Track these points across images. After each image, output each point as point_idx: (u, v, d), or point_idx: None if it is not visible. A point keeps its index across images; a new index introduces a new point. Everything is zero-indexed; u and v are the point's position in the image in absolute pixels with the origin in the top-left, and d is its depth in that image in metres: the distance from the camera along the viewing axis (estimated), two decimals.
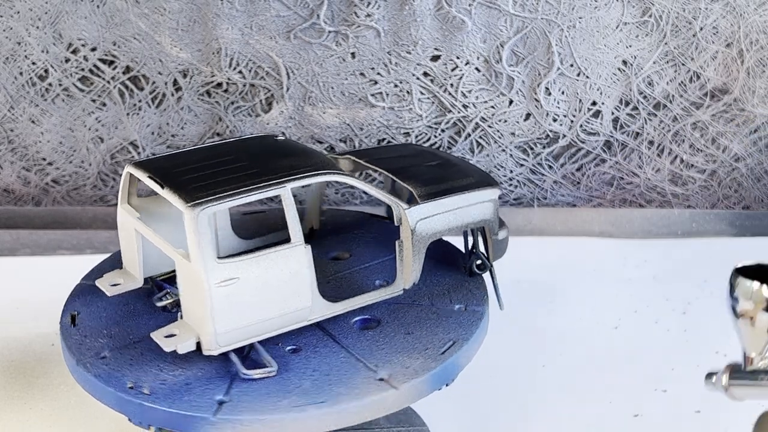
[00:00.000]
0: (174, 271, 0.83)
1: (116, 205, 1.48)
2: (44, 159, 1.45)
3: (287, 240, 0.80)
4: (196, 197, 0.77)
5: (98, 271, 0.92)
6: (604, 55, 1.38)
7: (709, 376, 0.71)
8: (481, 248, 0.91)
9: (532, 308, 1.21)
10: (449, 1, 1.34)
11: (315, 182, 0.83)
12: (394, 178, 0.90)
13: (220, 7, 1.35)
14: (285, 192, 0.79)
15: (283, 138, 0.91)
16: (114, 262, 0.93)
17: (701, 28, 1.36)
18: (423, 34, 1.36)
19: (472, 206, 0.88)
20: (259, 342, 0.81)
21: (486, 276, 0.92)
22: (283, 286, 0.79)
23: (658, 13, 1.35)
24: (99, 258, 0.97)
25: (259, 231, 0.97)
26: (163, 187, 0.80)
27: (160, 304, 0.87)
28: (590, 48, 1.38)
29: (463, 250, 0.94)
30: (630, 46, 1.38)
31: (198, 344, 0.78)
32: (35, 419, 1.05)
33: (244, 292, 0.77)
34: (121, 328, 0.86)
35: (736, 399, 0.70)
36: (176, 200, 0.78)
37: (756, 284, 0.67)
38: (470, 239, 0.92)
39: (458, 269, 0.93)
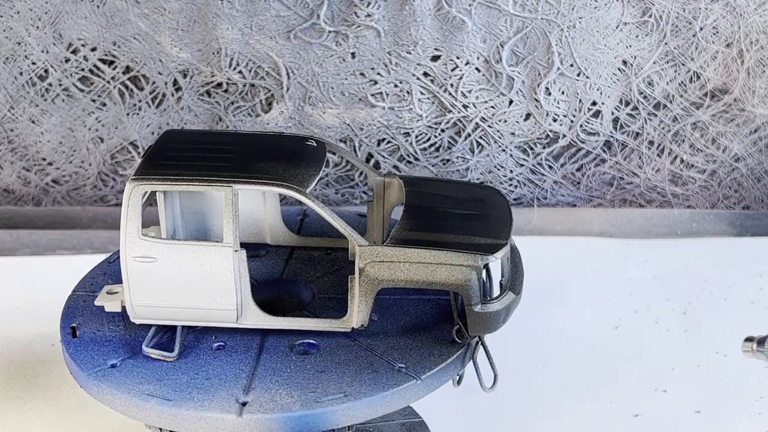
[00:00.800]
0: None
1: (116, 205, 1.48)
2: (44, 159, 1.45)
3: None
4: (143, 173, 0.80)
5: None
6: (604, 55, 1.38)
7: (750, 339, 0.67)
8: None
9: (532, 308, 1.21)
10: (449, 1, 1.34)
11: (259, 190, 0.82)
12: (403, 213, 0.85)
13: (220, 7, 1.35)
14: (227, 192, 0.79)
15: (312, 144, 0.88)
16: None
17: (701, 28, 1.36)
18: (423, 34, 1.36)
19: (442, 266, 0.79)
20: (192, 329, 0.83)
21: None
22: (204, 282, 0.79)
23: (658, 13, 1.35)
24: (99, 258, 0.98)
25: (326, 232, 0.97)
26: (140, 156, 0.83)
27: None
28: (590, 48, 1.38)
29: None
30: (630, 46, 1.38)
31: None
32: (35, 419, 1.05)
33: (161, 274, 0.79)
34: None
35: None
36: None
37: None
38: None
39: (447, 332, 0.85)
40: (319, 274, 0.92)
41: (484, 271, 0.82)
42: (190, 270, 0.79)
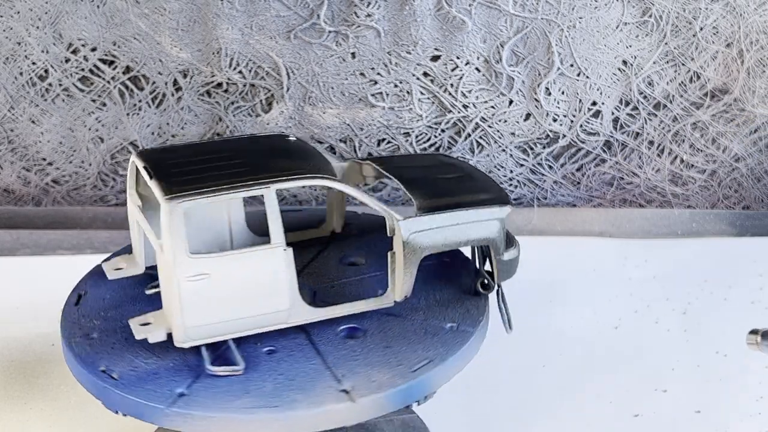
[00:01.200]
0: None
1: (116, 205, 1.48)
2: (44, 159, 1.45)
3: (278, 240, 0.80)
4: (175, 191, 0.78)
5: (116, 256, 0.94)
6: (604, 55, 1.38)
7: (754, 332, 0.66)
8: (489, 267, 0.89)
9: (532, 308, 1.21)
10: (449, 1, 1.34)
11: (300, 186, 0.83)
12: (403, 187, 0.88)
13: (220, 7, 1.34)
14: (268, 192, 0.79)
15: (294, 139, 0.91)
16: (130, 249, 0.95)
17: (701, 28, 1.36)
18: (423, 34, 1.36)
19: (473, 223, 0.85)
20: (236, 339, 0.81)
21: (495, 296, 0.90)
22: (258, 287, 0.79)
23: (658, 13, 1.35)
24: (99, 258, 0.97)
25: (289, 227, 0.97)
26: (151, 178, 0.81)
27: (149, 292, 0.88)
28: (590, 48, 1.38)
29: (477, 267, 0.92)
30: (630, 46, 1.38)
31: (171, 336, 0.79)
32: (35, 419, 1.05)
33: (216, 288, 0.77)
34: (117, 311, 0.87)
35: None
36: (158, 192, 0.79)
37: None
38: (477, 257, 0.90)
39: (467, 286, 0.91)
40: (298, 269, 0.92)
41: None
42: (245, 278, 0.78)
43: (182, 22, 1.36)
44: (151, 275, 0.89)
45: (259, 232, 0.96)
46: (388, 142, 1.44)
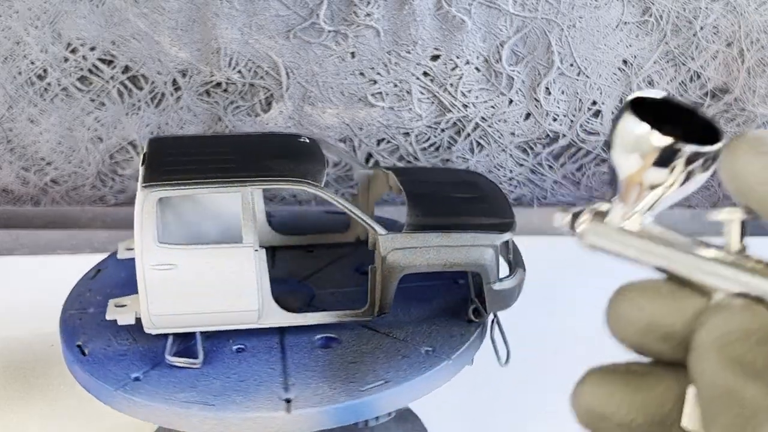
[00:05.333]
0: None
1: (115, 205, 1.48)
2: (43, 159, 1.45)
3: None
4: (153, 179, 0.79)
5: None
6: (605, 54, 1.38)
7: (565, 210, 0.60)
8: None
9: (532, 308, 1.20)
10: (449, 1, 1.34)
11: (276, 188, 0.83)
12: (407, 201, 0.86)
13: (219, 6, 1.34)
14: (244, 192, 0.78)
15: (306, 141, 0.89)
16: None
17: (702, 28, 1.36)
18: (423, 34, 1.36)
19: (462, 247, 0.81)
20: (209, 334, 0.82)
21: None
22: (226, 284, 0.79)
23: (659, 12, 1.35)
24: (98, 258, 0.97)
25: (313, 229, 0.98)
26: (142, 164, 0.82)
27: None
28: (590, 47, 1.37)
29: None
30: (630, 45, 1.38)
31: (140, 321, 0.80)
32: (35, 419, 1.05)
33: (182, 280, 0.78)
34: (123, 291, 0.88)
35: (585, 244, 0.58)
36: (140, 178, 0.80)
37: (645, 127, 0.49)
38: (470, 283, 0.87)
39: (464, 311, 0.87)
40: (309, 272, 0.92)
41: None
42: (211, 273, 0.78)
43: (181, 21, 1.36)
44: None
45: (281, 229, 0.98)
46: (388, 142, 1.44)
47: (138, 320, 0.81)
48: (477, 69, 1.39)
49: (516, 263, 0.87)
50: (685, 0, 1.34)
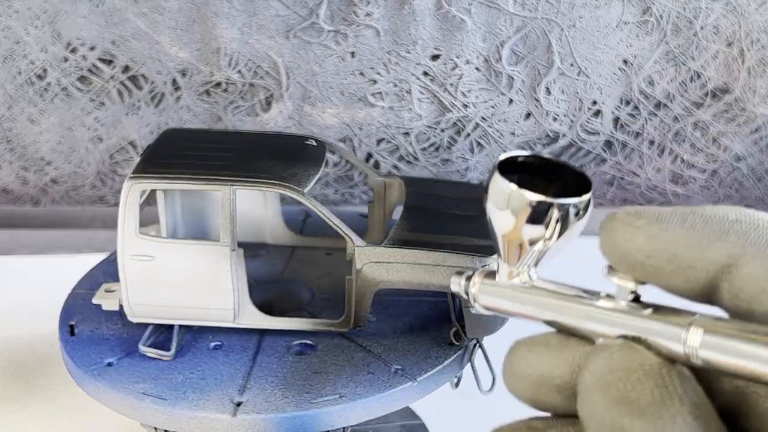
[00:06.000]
0: None
1: (115, 205, 1.48)
2: (43, 159, 1.45)
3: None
4: (140, 171, 0.80)
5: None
6: (605, 54, 1.38)
7: (459, 274, 0.60)
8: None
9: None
10: (449, 1, 1.33)
11: (256, 191, 0.84)
12: (402, 214, 0.85)
13: (219, 6, 1.34)
14: (225, 192, 0.79)
15: (312, 144, 0.89)
16: None
17: (702, 28, 1.36)
18: (423, 34, 1.36)
19: (440, 268, 0.78)
20: (191, 329, 0.83)
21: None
22: (201, 281, 0.79)
23: (659, 12, 1.35)
24: (98, 258, 0.97)
25: (327, 233, 0.97)
26: (139, 156, 0.83)
27: None
28: (590, 47, 1.37)
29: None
30: (630, 45, 1.38)
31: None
32: (35, 420, 1.05)
33: (159, 272, 0.79)
34: None
35: (480, 307, 0.58)
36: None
37: (513, 186, 0.51)
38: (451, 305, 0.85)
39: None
40: (318, 275, 0.92)
41: None
42: (187, 269, 0.79)
43: (181, 21, 1.36)
44: None
45: (297, 230, 0.98)
46: (388, 142, 1.44)
47: (122, 307, 0.82)
48: (477, 69, 1.39)
49: None
50: (685, 0, 1.34)
